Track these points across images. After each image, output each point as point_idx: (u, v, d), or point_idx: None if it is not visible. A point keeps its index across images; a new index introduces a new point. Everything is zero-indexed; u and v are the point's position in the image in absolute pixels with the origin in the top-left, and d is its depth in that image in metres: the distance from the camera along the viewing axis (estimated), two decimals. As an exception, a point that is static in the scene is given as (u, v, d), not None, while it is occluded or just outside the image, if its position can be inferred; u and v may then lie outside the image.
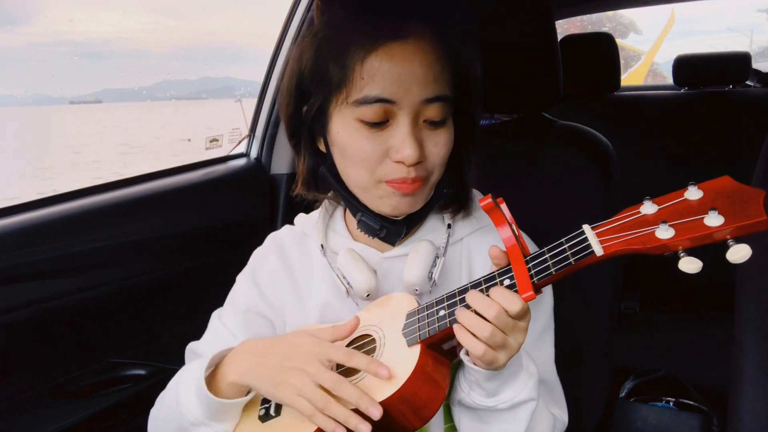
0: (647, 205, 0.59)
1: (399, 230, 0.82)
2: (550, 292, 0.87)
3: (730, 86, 2.17)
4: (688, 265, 0.55)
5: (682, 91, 2.26)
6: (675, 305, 2.02)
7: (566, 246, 0.62)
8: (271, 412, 0.77)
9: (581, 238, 0.61)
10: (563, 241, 0.63)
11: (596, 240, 0.60)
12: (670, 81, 2.26)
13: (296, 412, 0.69)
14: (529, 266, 0.64)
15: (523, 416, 0.72)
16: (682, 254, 0.55)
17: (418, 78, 0.73)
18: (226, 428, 0.76)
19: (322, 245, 0.86)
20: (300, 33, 1.54)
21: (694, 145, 2.03)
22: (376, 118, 0.74)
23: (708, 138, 2.03)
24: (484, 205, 0.65)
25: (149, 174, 1.42)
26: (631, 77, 10.52)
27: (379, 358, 0.72)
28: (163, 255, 1.34)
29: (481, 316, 0.64)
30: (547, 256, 0.63)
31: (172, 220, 1.37)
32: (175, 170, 1.48)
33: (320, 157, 0.84)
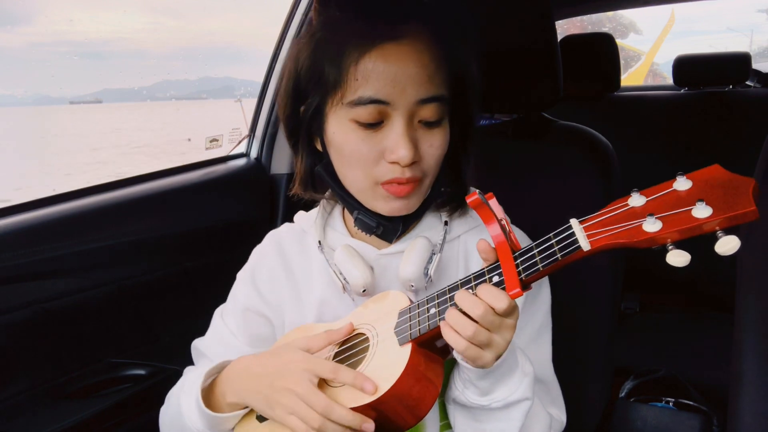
0: (635, 197, 0.58)
1: (396, 228, 0.83)
2: (547, 291, 0.87)
3: (730, 86, 2.17)
4: (676, 258, 0.53)
5: (682, 91, 2.26)
6: (675, 305, 2.02)
7: (554, 241, 0.62)
8: None
9: (568, 233, 0.61)
10: (551, 235, 0.62)
11: (583, 235, 0.59)
12: (670, 81, 2.27)
13: None
14: (517, 262, 0.64)
15: (517, 416, 0.72)
16: (670, 247, 0.54)
17: (413, 78, 0.73)
18: None
19: (319, 242, 0.87)
20: (300, 33, 1.54)
21: (694, 145, 2.02)
22: (371, 119, 0.74)
23: (708, 138, 2.03)
24: (471, 201, 0.65)
25: (149, 174, 1.42)
26: (631, 77, 10.53)
27: (372, 358, 0.73)
28: (163, 255, 1.34)
29: (468, 315, 0.64)
30: (536, 251, 0.63)
31: (172, 220, 1.37)
32: (175, 170, 1.48)
33: (318, 157, 0.85)
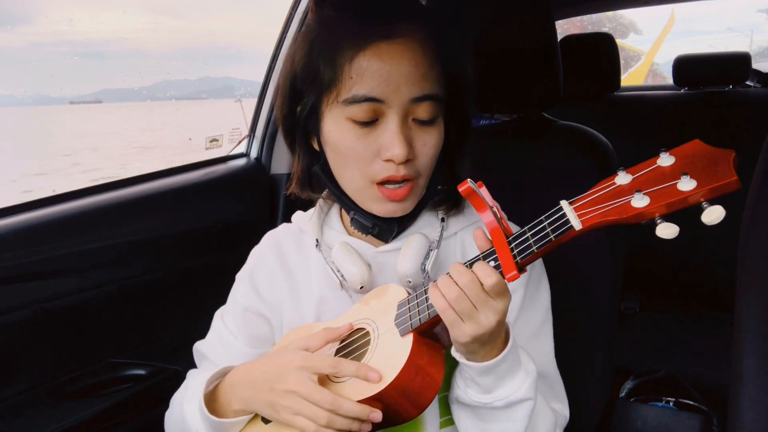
0: (621, 175, 0.60)
1: (391, 228, 0.84)
2: (546, 287, 0.88)
3: (730, 86, 2.16)
4: (665, 231, 0.56)
5: (682, 91, 2.25)
6: (675, 305, 2.02)
7: (546, 223, 0.63)
8: None
9: (560, 214, 0.62)
10: (543, 218, 0.64)
11: (574, 214, 0.61)
12: (670, 81, 2.26)
13: None
14: (512, 246, 0.65)
15: (520, 416, 0.72)
16: (658, 221, 0.57)
17: (407, 77, 0.73)
18: None
19: (317, 240, 0.87)
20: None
21: (694, 145, 2.02)
22: (366, 117, 0.74)
23: (708, 138, 2.01)
24: (463, 190, 0.66)
25: (149, 174, 1.42)
26: (631, 77, 10.53)
27: (374, 351, 0.73)
28: (163, 255, 1.34)
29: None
30: (528, 234, 0.64)
31: (172, 220, 1.37)
32: (175, 170, 1.48)
33: (315, 156, 0.85)
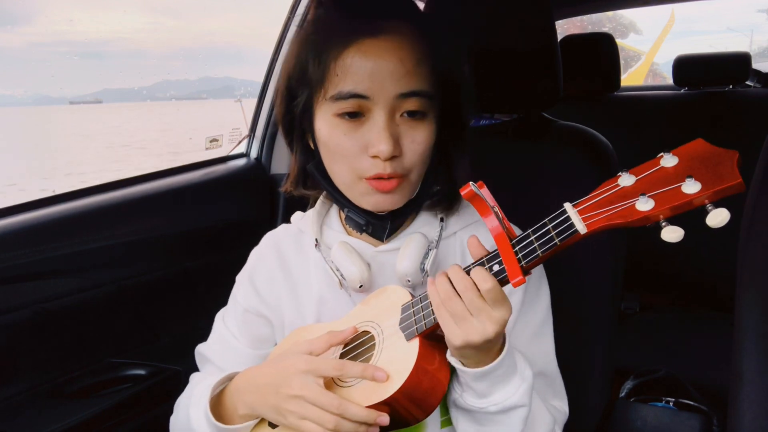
0: (625, 177, 0.60)
1: (384, 225, 0.84)
2: (546, 287, 0.88)
3: (730, 86, 2.16)
4: (670, 234, 0.55)
5: (682, 91, 2.25)
6: (675, 305, 2.02)
7: (550, 226, 0.62)
8: None
9: (564, 218, 0.61)
10: (547, 221, 0.63)
11: (579, 218, 0.60)
12: (670, 81, 2.26)
13: None
14: (516, 250, 0.64)
15: (515, 421, 0.72)
16: (663, 224, 0.56)
17: (391, 73, 0.74)
18: None
19: (316, 240, 0.87)
20: (300, 33, 1.54)
21: (694, 145, 2.02)
22: (351, 113, 0.75)
23: (708, 138, 2.01)
24: (465, 194, 0.65)
25: (149, 174, 1.42)
26: (631, 77, 10.52)
27: (379, 356, 0.73)
28: (163, 255, 1.34)
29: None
30: (533, 238, 0.63)
31: (172, 220, 1.37)
32: (175, 170, 1.48)
33: (311, 155, 0.86)
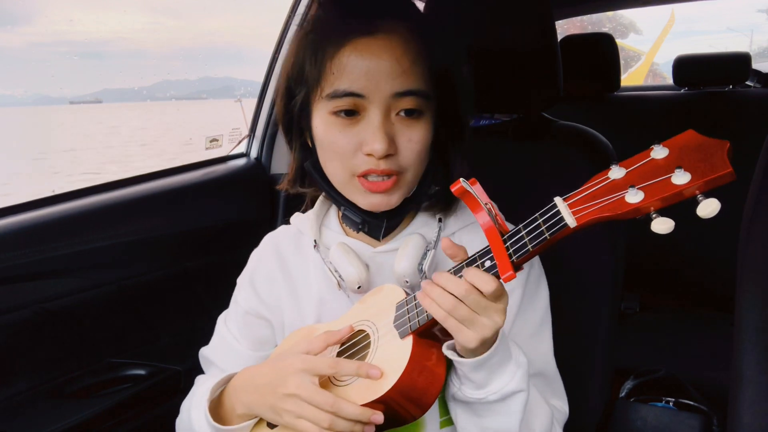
0: (615, 169, 0.59)
1: (380, 224, 0.84)
2: (545, 286, 0.88)
3: (730, 86, 2.16)
4: (660, 225, 0.55)
5: (682, 91, 2.25)
6: (675, 305, 2.02)
7: (540, 221, 0.62)
8: None
9: (554, 212, 0.62)
10: (537, 216, 0.63)
11: (569, 212, 0.60)
12: (670, 81, 2.26)
13: None
14: (507, 245, 0.64)
15: (515, 408, 0.72)
16: (654, 215, 0.56)
17: (387, 72, 0.74)
18: None
19: (315, 241, 0.87)
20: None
21: (694, 145, 2.02)
22: (347, 111, 0.76)
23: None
24: (455, 190, 0.65)
25: (149, 174, 1.42)
26: (631, 77, 10.52)
27: (374, 354, 0.73)
28: (163, 255, 1.34)
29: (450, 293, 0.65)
30: (524, 233, 0.64)
31: (172, 220, 1.37)
32: (175, 170, 1.48)
33: (308, 153, 0.87)
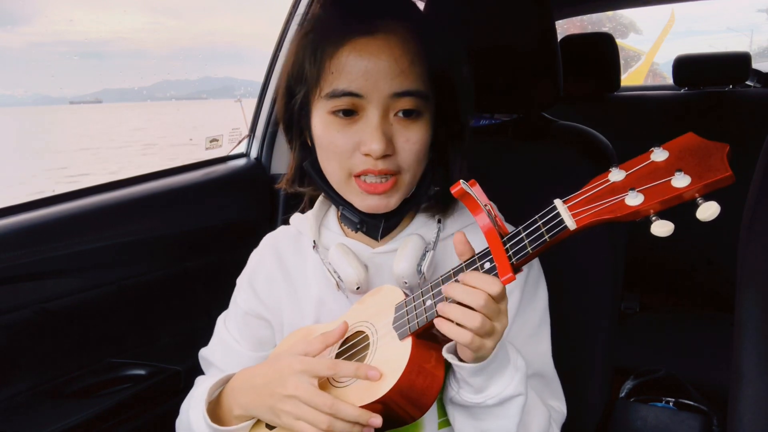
0: (615, 172, 0.59)
1: (378, 224, 0.84)
2: (544, 288, 0.88)
3: (730, 86, 2.16)
4: (660, 228, 0.55)
5: (682, 91, 2.25)
6: (675, 305, 2.02)
7: (540, 223, 0.62)
8: None
9: (553, 214, 0.61)
10: (537, 218, 0.63)
11: (568, 214, 0.60)
12: (670, 81, 2.26)
13: None
14: (507, 247, 0.64)
15: (513, 412, 0.72)
16: (653, 218, 0.56)
17: (385, 72, 0.74)
18: None
19: (314, 241, 0.87)
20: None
21: (694, 145, 2.02)
22: (345, 111, 0.76)
23: (708, 138, 2.02)
24: (455, 191, 0.65)
25: (149, 174, 1.42)
26: (631, 77, 10.51)
27: (373, 355, 0.73)
28: (163, 255, 1.34)
29: (467, 306, 0.64)
30: (523, 235, 0.63)
31: (172, 220, 1.37)
32: (175, 170, 1.48)
33: (308, 152, 0.87)
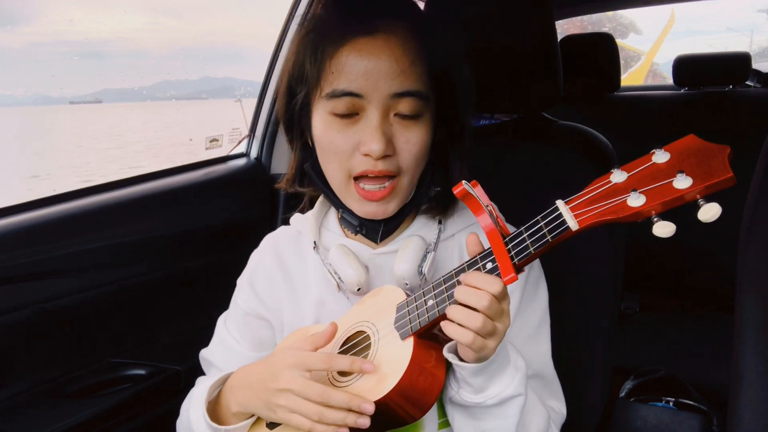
0: (617, 173, 0.60)
1: (376, 228, 0.84)
2: (544, 288, 0.88)
3: (730, 86, 2.16)
4: (662, 229, 0.56)
5: (682, 91, 2.25)
6: (675, 305, 2.02)
7: (542, 223, 0.63)
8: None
9: (556, 215, 0.62)
10: (539, 218, 0.63)
11: (570, 215, 0.60)
12: (670, 81, 2.26)
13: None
14: (509, 247, 0.64)
15: (512, 412, 0.72)
16: (655, 219, 0.56)
17: (386, 72, 0.74)
18: None
19: (314, 242, 0.87)
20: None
21: (694, 145, 2.02)
22: (346, 111, 0.76)
23: (708, 138, 2.01)
24: (458, 192, 0.66)
25: (149, 174, 1.42)
26: (631, 77, 10.50)
27: (375, 354, 0.73)
28: (163, 255, 1.34)
29: (470, 307, 0.64)
30: (525, 235, 0.64)
31: (172, 220, 1.37)
32: (175, 170, 1.48)
33: (309, 153, 0.87)
